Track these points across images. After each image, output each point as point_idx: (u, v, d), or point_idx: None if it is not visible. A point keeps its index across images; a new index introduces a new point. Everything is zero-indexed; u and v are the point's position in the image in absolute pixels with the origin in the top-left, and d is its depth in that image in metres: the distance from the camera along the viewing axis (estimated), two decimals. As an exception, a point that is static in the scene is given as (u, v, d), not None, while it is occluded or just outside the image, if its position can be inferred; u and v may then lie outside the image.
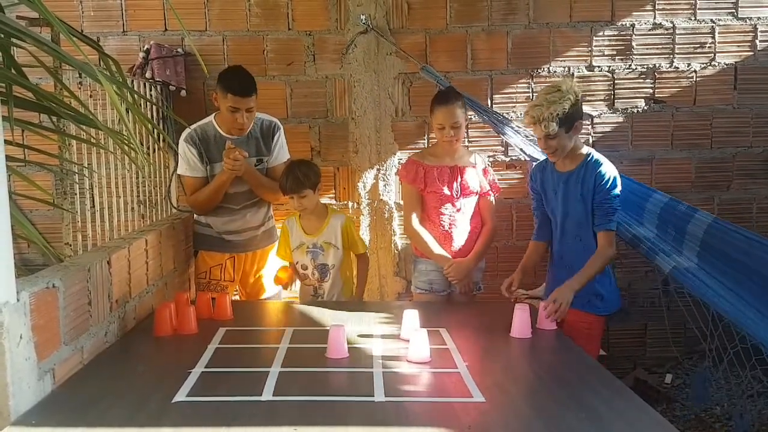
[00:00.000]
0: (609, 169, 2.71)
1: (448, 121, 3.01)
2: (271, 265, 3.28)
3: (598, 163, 2.72)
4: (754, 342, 2.81)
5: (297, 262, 3.10)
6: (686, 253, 3.14)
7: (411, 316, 2.38)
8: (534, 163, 3.24)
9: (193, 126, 3.09)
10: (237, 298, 3.37)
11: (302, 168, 3.00)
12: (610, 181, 2.68)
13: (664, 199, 3.29)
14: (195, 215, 3.27)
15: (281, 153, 3.22)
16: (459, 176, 3.10)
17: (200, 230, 3.26)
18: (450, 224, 3.11)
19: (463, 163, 3.13)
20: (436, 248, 3.09)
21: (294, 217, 3.14)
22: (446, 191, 3.08)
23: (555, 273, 2.88)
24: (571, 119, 2.66)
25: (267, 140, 3.17)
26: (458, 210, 3.11)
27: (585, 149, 2.81)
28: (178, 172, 3.18)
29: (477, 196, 3.15)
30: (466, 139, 3.87)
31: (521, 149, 3.61)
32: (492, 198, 3.21)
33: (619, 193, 2.71)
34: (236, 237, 3.23)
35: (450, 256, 3.09)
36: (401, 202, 3.60)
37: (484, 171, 3.19)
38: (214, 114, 3.13)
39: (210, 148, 3.08)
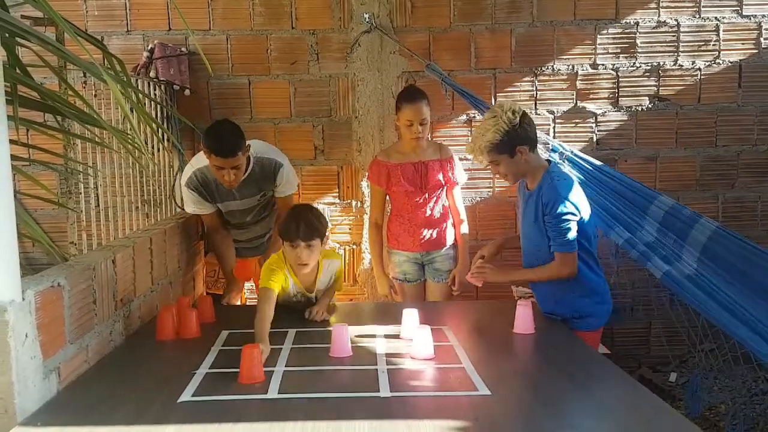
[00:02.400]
0: (556, 189, 2.52)
1: (417, 118, 3.10)
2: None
3: (550, 187, 2.54)
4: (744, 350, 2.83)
5: (292, 297, 2.72)
6: (685, 258, 3.13)
7: (410, 316, 2.38)
8: None
9: (193, 168, 3.04)
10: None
11: (313, 212, 2.57)
12: (553, 202, 2.49)
13: (669, 202, 3.29)
14: None
15: (287, 186, 3.15)
16: (423, 172, 3.19)
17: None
18: (419, 218, 3.23)
19: (428, 157, 3.22)
20: (378, 265, 3.32)
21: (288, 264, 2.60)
22: (410, 188, 3.19)
23: (537, 295, 2.81)
24: (510, 145, 2.52)
25: (268, 180, 3.09)
26: (425, 204, 3.23)
27: (544, 170, 2.62)
28: (187, 210, 3.17)
29: (443, 189, 3.26)
30: (470, 137, 3.87)
31: None
32: (457, 189, 3.30)
33: (567, 210, 2.49)
34: (245, 245, 3.32)
35: (385, 279, 3.34)
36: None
37: (449, 161, 3.25)
38: None
39: (211, 191, 3.06)
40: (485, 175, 3.91)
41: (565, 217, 2.49)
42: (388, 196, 3.33)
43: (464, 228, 3.31)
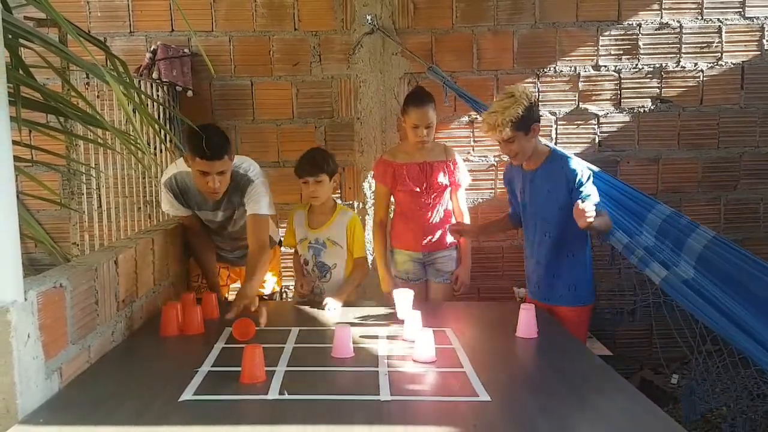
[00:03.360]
0: (577, 165, 2.79)
1: (423, 122, 3.11)
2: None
3: (563, 159, 2.81)
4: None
5: (300, 256, 3.10)
6: (682, 266, 3.13)
7: (413, 318, 2.38)
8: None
9: (174, 171, 2.87)
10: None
11: (322, 152, 2.99)
12: (582, 176, 2.73)
13: (667, 210, 3.29)
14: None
15: (255, 205, 2.82)
16: (428, 172, 3.20)
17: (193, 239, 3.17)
18: (423, 219, 3.24)
19: (433, 158, 3.22)
20: (382, 264, 3.30)
21: (303, 209, 3.08)
22: (416, 189, 3.20)
23: (527, 266, 3.02)
24: (527, 122, 2.72)
25: (235, 194, 2.85)
26: (430, 204, 3.23)
27: (546, 147, 2.92)
28: (163, 209, 3.02)
29: (448, 190, 3.27)
30: (472, 138, 3.88)
31: None
32: (461, 191, 3.31)
33: (591, 181, 2.77)
34: (228, 254, 3.20)
35: (389, 277, 3.29)
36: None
37: (453, 163, 3.25)
38: None
39: (189, 197, 2.90)
40: (487, 177, 3.91)
41: (586, 182, 2.74)
42: (392, 196, 3.34)
43: None
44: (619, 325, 3.94)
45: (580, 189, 2.72)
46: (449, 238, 3.28)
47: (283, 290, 3.52)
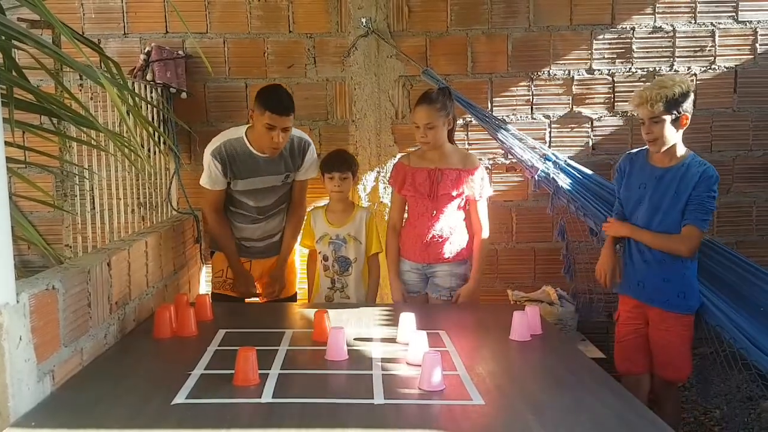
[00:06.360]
0: (713, 171, 2.70)
1: (421, 121, 2.98)
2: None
3: (703, 163, 2.72)
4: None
5: (320, 252, 3.25)
6: None
7: (407, 320, 2.38)
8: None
9: (223, 139, 3.07)
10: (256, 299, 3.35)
11: (347, 153, 3.35)
12: (712, 181, 2.67)
13: None
14: None
15: (311, 170, 3.25)
16: (436, 179, 3.04)
17: None
18: (422, 227, 3.08)
19: (446, 165, 3.05)
20: (391, 271, 3.21)
21: (320, 210, 3.30)
22: (415, 194, 3.08)
23: (630, 269, 2.87)
24: (678, 106, 2.65)
25: (296, 158, 3.16)
26: (434, 213, 3.07)
27: (687, 151, 2.78)
28: (200, 182, 3.16)
29: (458, 201, 3.09)
30: (467, 141, 3.87)
31: (519, 156, 3.59)
32: (480, 205, 3.12)
33: (716, 191, 2.70)
34: (255, 244, 3.27)
35: (396, 286, 3.18)
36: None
37: (470, 172, 3.06)
38: (246, 128, 3.08)
39: (237, 164, 3.06)
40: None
41: (713, 196, 2.67)
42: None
43: (484, 244, 3.13)
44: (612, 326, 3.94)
45: (703, 191, 2.66)
46: (449, 252, 3.10)
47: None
